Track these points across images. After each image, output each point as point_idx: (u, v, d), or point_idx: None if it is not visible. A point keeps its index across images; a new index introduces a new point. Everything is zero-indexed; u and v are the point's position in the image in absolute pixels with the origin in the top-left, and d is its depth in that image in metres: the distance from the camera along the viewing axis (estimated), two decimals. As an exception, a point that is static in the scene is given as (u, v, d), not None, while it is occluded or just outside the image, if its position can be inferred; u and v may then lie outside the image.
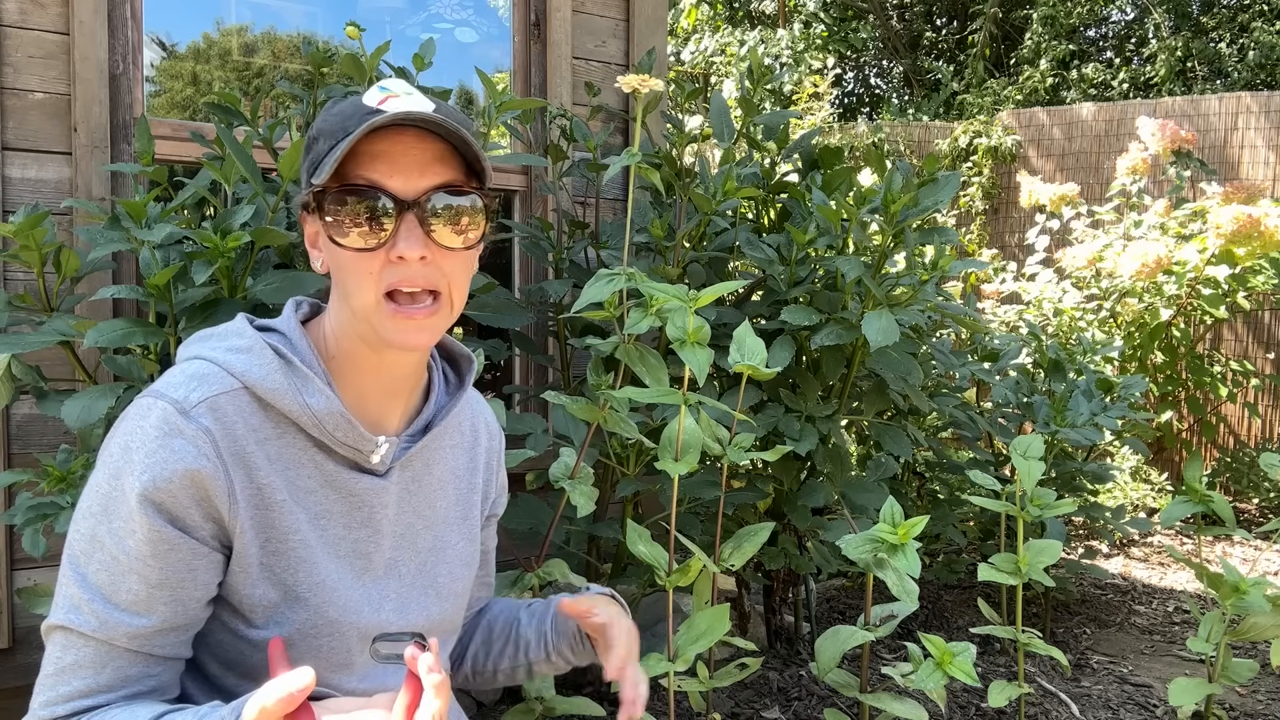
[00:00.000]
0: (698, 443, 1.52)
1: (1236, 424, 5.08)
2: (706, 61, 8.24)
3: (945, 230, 2.18)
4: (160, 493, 0.83)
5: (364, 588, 0.97)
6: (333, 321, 0.95)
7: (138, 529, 0.83)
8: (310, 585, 0.92)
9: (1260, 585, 1.96)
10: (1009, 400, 2.87)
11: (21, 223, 1.52)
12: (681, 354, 1.43)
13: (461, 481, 1.09)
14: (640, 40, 2.64)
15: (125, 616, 0.84)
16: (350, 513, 0.95)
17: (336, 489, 0.94)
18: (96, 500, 0.85)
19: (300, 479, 0.92)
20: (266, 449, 0.90)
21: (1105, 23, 10.52)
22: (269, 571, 0.90)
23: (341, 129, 0.87)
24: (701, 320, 1.47)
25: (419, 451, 1.01)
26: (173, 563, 0.85)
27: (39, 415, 1.92)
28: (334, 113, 0.90)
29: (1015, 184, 5.84)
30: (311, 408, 0.90)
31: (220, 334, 0.94)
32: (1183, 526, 4.23)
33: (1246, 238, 3.88)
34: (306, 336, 0.94)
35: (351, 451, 0.93)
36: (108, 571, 0.84)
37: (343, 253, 0.89)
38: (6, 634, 1.93)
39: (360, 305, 0.89)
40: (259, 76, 2.75)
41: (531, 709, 1.67)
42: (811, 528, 2.24)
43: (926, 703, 2.03)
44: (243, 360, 0.90)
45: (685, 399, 1.49)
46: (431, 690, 0.75)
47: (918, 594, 1.58)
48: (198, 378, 0.88)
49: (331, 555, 0.94)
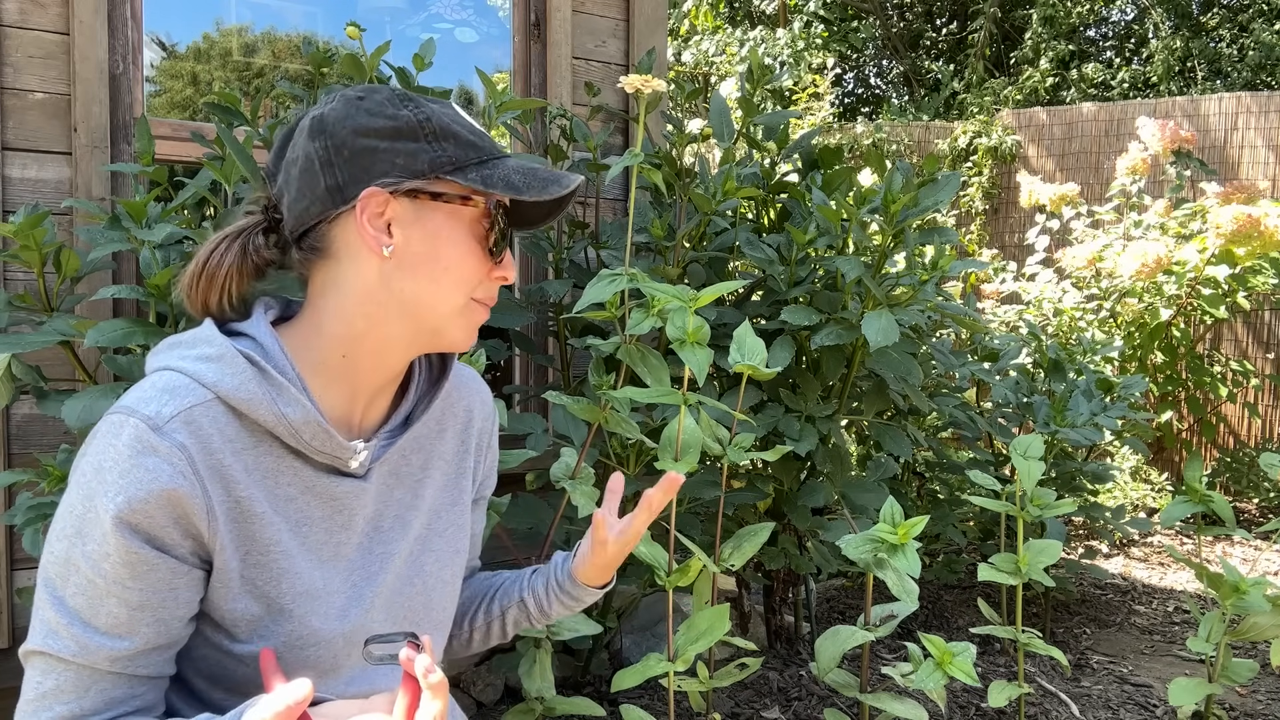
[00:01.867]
0: (697, 443, 1.53)
1: (1236, 424, 5.08)
2: (707, 61, 8.24)
3: (945, 230, 2.18)
4: (136, 514, 0.81)
5: (349, 590, 0.95)
6: (349, 323, 0.92)
7: (113, 551, 0.81)
8: (293, 595, 0.91)
9: (1260, 585, 1.96)
10: (1009, 400, 2.87)
11: (21, 223, 1.52)
12: (681, 354, 1.44)
13: (450, 466, 1.07)
14: (640, 40, 2.64)
15: (106, 640, 0.82)
16: (331, 516, 0.94)
17: (316, 494, 0.93)
18: (70, 522, 0.83)
19: (279, 487, 0.90)
20: (244, 459, 0.88)
21: (1105, 23, 10.52)
22: (250, 585, 0.89)
23: (488, 152, 0.92)
24: (701, 320, 1.47)
25: (401, 444, 1.00)
26: (152, 583, 0.83)
27: (39, 415, 1.92)
28: (458, 123, 0.92)
29: (1015, 184, 5.84)
30: (287, 417, 0.88)
31: (188, 341, 0.90)
32: (1183, 526, 4.23)
33: (1246, 238, 3.89)
34: (279, 340, 0.91)
35: (329, 458, 0.92)
36: (85, 595, 0.82)
37: (456, 252, 0.92)
38: (6, 634, 1.93)
39: (448, 304, 0.93)
40: (259, 76, 2.75)
41: (531, 709, 1.67)
42: (811, 528, 2.24)
43: (926, 703, 2.03)
44: (214, 370, 0.87)
45: (685, 399, 1.50)
46: (430, 691, 0.74)
47: (918, 594, 1.58)
48: (169, 391, 0.85)
49: (314, 562, 0.93)
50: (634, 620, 2.46)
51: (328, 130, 0.90)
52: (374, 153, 0.89)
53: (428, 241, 0.91)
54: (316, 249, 0.93)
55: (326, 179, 0.89)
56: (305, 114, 0.94)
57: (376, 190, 0.88)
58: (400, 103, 0.91)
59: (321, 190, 0.90)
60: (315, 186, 0.90)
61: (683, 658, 1.52)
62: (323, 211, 0.90)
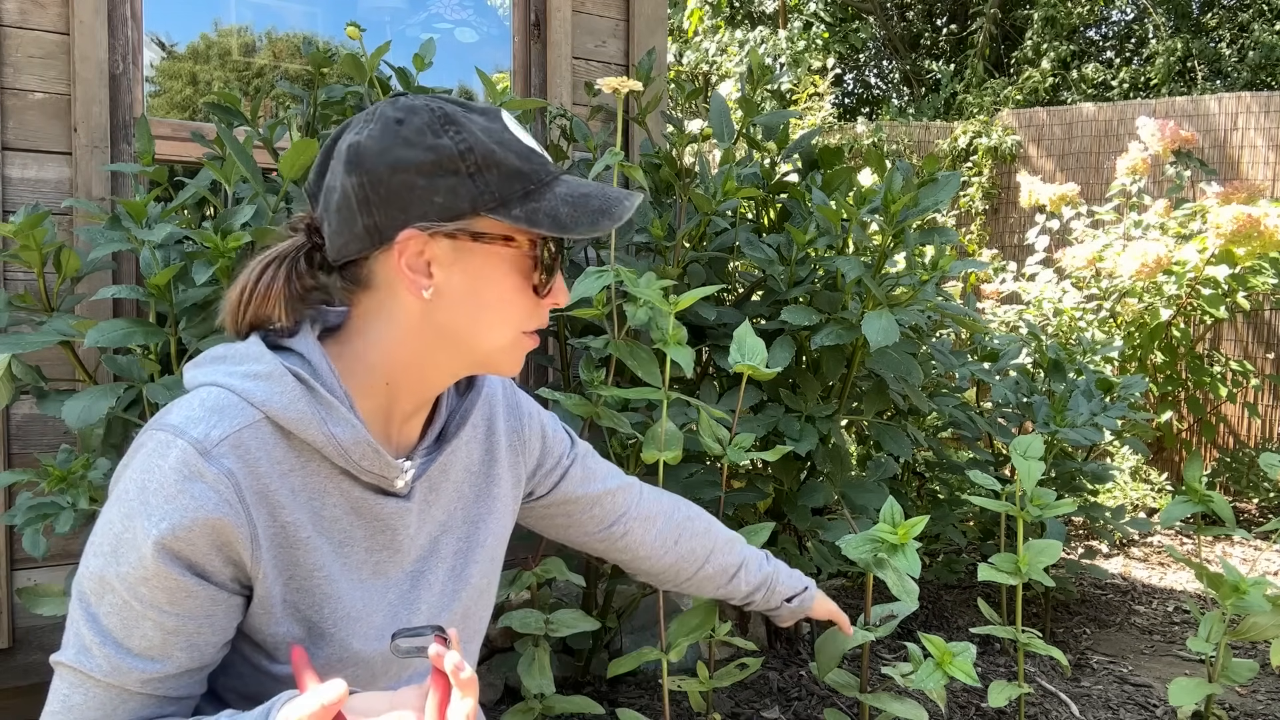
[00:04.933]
0: (678, 437, 1.56)
1: (1236, 424, 5.08)
2: (708, 61, 8.24)
3: (945, 230, 2.18)
4: (179, 541, 0.79)
5: (387, 610, 0.95)
6: (392, 354, 0.90)
7: (151, 576, 0.79)
8: (335, 620, 0.90)
9: (1260, 585, 1.96)
10: (1009, 400, 2.87)
11: (22, 223, 1.52)
12: (669, 352, 1.49)
13: (478, 479, 1.06)
14: (640, 40, 2.64)
15: (138, 662, 0.81)
16: (373, 536, 0.93)
17: (360, 514, 0.92)
18: (108, 540, 0.81)
19: (325, 508, 0.89)
20: (290, 481, 0.86)
21: (1105, 23, 10.52)
22: (293, 609, 0.88)
23: (535, 178, 0.88)
24: (680, 324, 1.52)
25: (439, 461, 0.99)
26: (190, 609, 0.82)
27: (39, 415, 1.92)
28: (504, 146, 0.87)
29: (1015, 184, 5.84)
30: (337, 437, 0.86)
31: (235, 357, 0.88)
32: (1183, 526, 4.23)
33: (1246, 238, 3.88)
34: (327, 357, 0.89)
35: (376, 478, 0.91)
36: (119, 616, 0.80)
37: (499, 292, 0.89)
38: (6, 634, 1.93)
39: (493, 343, 0.91)
40: (259, 76, 2.74)
41: (531, 708, 1.67)
42: (811, 528, 2.24)
43: (926, 703, 2.03)
44: (263, 388, 0.85)
45: (666, 396, 1.54)
46: (460, 689, 0.73)
47: (918, 594, 1.58)
48: (217, 411, 0.83)
49: (354, 582, 0.92)
50: (634, 620, 2.46)
51: (364, 164, 0.86)
52: (412, 190, 0.85)
53: (469, 282, 0.88)
54: (358, 280, 0.90)
55: (364, 218, 0.86)
56: (346, 129, 0.90)
57: (415, 233, 0.86)
58: (442, 128, 0.86)
59: (359, 230, 0.87)
60: (353, 225, 0.87)
61: (675, 649, 1.55)
62: (361, 249, 0.88)
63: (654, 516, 1.31)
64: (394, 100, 0.90)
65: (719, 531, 1.39)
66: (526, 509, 1.21)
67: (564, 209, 0.88)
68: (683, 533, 1.33)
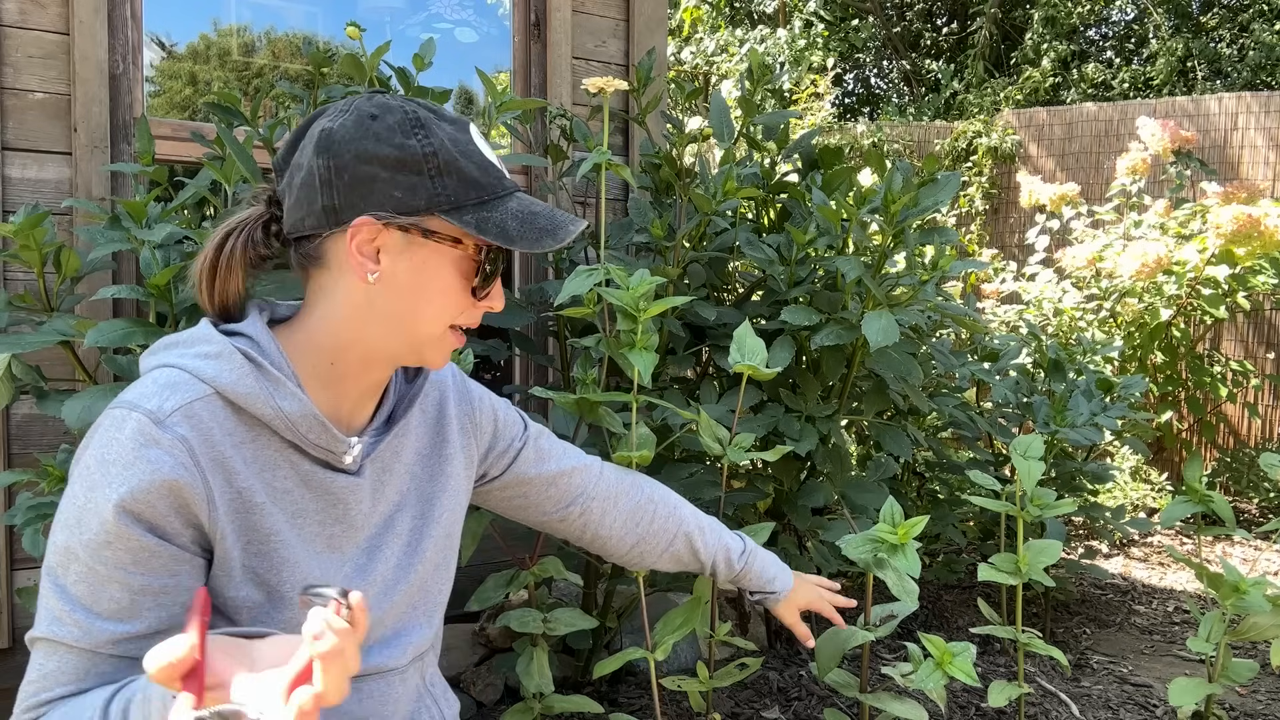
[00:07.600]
0: (651, 439, 1.60)
1: (1236, 424, 5.08)
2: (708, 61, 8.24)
3: (945, 230, 2.18)
4: (139, 503, 0.82)
5: (345, 581, 0.98)
6: (336, 334, 0.96)
7: (114, 539, 0.82)
8: (293, 584, 0.93)
9: (1260, 585, 1.96)
10: (1009, 400, 2.87)
11: (21, 223, 1.52)
12: (630, 357, 1.51)
13: (430, 460, 1.10)
14: (640, 40, 2.64)
15: (109, 624, 0.83)
16: (326, 510, 0.97)
17: (312, 488, 0.95)
18: (71, 513, 0.84)
19: (277, 480, 0.93)
20: (243, 452, 0.90)
21: (1105, 23, 10.52)
22: (251, 573, 0.91)
23: (491, 190, 0.94)
24: (651, 328, 1.54)
25: (388, 442, 1.03)
26: (154, 569, 0.84)
27: (39, 415, 1.92)
28: (466, 156, 0.93)
29: (1015, 184, 5.84)
30: (284, 411, 0.91)
31: (186, 340, 0.93)
32: (1183, 526, 4.23)
33: (1246, 238, 3.88)
34: (275, 339, 0.94)
35: (324, 452, 0.95)
36: (86, 583, 0.83)
37: (439, 286, 0.94)
38: (6, 634, 1.93)
39: (426, 332, 0.96)
40: (259, 76, 2.74)
41: (530, 708, 1.67)
42: (811, 528, 2.24)
43: (926, 703, 2.03)
44: (212, 366, 0.89)
45: (635, 400, 1.57)
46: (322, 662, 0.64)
47: (918, 594, 1.58)
48: (169, 386, 0.88)
49: (310, 553, 0.95)
50: (634, 620, 2.46)
51: (333, 149, 0.91)
52: (374, 181, 0.91)
53: (413, 273, 0.93)
54: (311, 256, 0.95)
55: (324, 198, 0.92)
56: (321, 115, 0.95)
57: (369, 220, 0.91)
58: (411, 130, 0.92)
59: (318, 208, 0.92)
60: (313, 202, 0.92)
61: (661, 647, 1.56)
62: (317, 227, 0.93)
63: (615, 496, 1.35)
64: (371, 96, 0.95)
65: (685, 511, 1.43)
66: (484, 491, 1.25)
67: (512, 223, 0.94)
68: (642, 513, 1.38)
